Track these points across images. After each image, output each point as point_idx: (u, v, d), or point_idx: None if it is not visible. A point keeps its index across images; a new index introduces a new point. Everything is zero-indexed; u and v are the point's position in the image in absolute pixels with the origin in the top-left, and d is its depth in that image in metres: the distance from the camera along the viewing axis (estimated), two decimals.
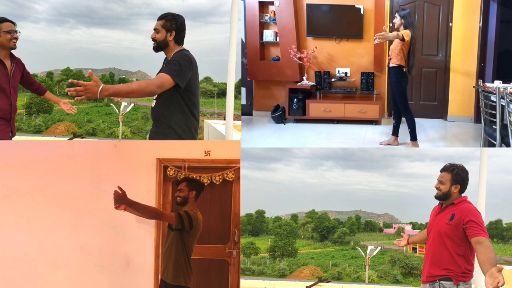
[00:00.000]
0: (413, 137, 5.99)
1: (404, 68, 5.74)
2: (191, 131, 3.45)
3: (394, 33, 5.66)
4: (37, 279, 3.76)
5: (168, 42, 3.40)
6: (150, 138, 3.50)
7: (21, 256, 3.78)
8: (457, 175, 2.95)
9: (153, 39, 3.41)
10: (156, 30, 3.40)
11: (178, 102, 3.34)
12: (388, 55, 5.91)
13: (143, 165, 3.76)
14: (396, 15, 5.79)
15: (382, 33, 5.55)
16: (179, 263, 3.23)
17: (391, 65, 5.81)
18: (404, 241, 3.42)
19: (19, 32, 3.79)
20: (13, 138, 3.95)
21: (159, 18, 3.43)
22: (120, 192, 2.99)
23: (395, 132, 6.17)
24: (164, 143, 3.73)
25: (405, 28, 5.69)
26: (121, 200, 3.01)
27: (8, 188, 3.77)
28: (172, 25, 3.38)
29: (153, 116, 3.45)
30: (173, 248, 3.24)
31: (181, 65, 3.24)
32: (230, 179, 3.79)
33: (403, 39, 5.60)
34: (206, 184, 3.74)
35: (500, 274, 2.30)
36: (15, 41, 3.73)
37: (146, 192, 3.74)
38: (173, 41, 3.41)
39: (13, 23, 3.75)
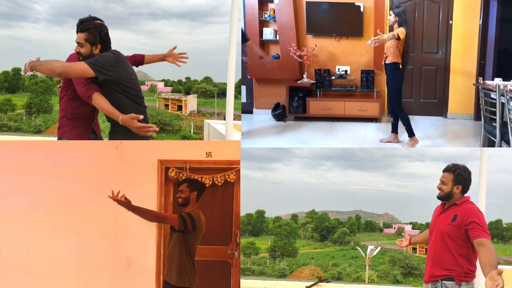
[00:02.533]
0: (410, 134, 6.02)
1: (400, 65, 5.77)
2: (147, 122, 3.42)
3: (390, 34, 5.70)
4: (38, 280, 3.75)
5: (95, 55, 3.24)
6: (112, 138, 3.46)
7: (22, 257, 3.76)
8: (459, 176, 2.94)
9: (78, 53, 3.25)
10: (79, 44, 3.23)
11: (127, 103, 3.30)
12: (384, 53, 5.93)
13: (145, 167, 3.74)
14: (391, 12, 5.81)
15: (377, 37, 5.59)
16: (183, 265, 3.23)
17: (387, 62, 5.84)
18: (406, 241, 3.42)
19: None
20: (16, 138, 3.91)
21: (81, 30, 3.22)
22: (124, 200, 2.99)
23: (394, 129, 6.18)
24: (166, 144, 3.72)
25: (400, 25, 5.73)
26: (125, 207, 3.02)
27: (9, 189, 3.75)
28: (97, 38, 3.22)
29: (112, 119, 3.37)
30: (176, 249, 3.24)
31: (103, 57, 3.15)
32: (232, 180, 3.78)
33: (398, 38, 5.62)
34: (207, 185, 3.73)
35: (500, 277, 2.32)
36: None
37: (148, 193, 3.72)
38: (100, 53, 3.26)
39: (101, 21, 3.55)
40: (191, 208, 3.30)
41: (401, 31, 5.65)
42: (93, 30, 3.22)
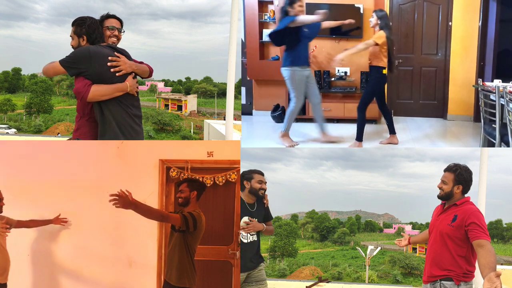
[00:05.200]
0: (359, 138, 6.00)
1: (384, 70, 5.73)
2: (129, 124, 3.34)
3: (362, 44, 5.63)
4: (39, 280, 3.76)
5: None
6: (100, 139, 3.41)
7: (24, 257, 3.78)
8: (459, 176, 2.95)
9: (72, 47, 3.36)
10: (71, 37, 3.36)
11: (112, 103, 3.27)
12: (369, 57, 5.89)
13: (146, 166, 3.76)
14: (374, 14, 5.79)
15: (340, 56, 5.48)
16: (183, 265, 3.24)
17: (371, 65, 5.84)
18: (405, 241, 3.43)
19: (121, 31, 3.61)
20: (16, 138, 3.90)
21: (71, 25, 3.37)
22: (124, 195, 2.98)
23: (392, 131, 6.17)
24: (167, 144, 3.73)
25: (381, 28, 5.70)
26: (124, 203, 3.01)
27: (10, 189, 3.76)
28: (82, 30, 3.32)
29: (101, 120, 3.35)
30: (177, 249, 3.25)
31: (72, 55, 3.24)
32: (233, 180, 3.79)
33: (376, 44, 5.58)
34: (208, 185, 3.74)
35: (498, 279, 2.34)
36: (114, 39, 3.55)
37: (149, 193, 3.73)
38: (88, 44, 3.33)
39: (120, 21, 3.61)
40: (192, 207, 3.31)
41: (378, 36, 5.60)
42: (78, 22, 3.34)
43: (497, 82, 5.61)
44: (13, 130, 45.12)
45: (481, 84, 5.76)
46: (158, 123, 50.56)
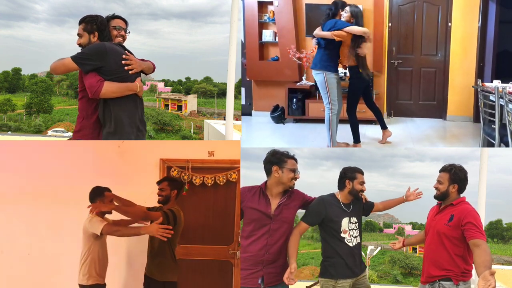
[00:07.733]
0: (356, 140, 5.86)
1: (360, 69, 5.51)
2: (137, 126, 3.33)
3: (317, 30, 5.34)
4: (39, 279, 3.78)
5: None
6: (105, 138, 3.37)
7: (24, 256, 3.80)
8: (454, 175, 2.98)
9: (79, 45, 3.36)
10: (79, 35, 3.36)
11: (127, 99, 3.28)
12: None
13: (147, 166, 3.78)
14: (347, 9, 5.34)
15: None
16: (166, 260, 3.34)
17: (344, 65, 5.63)
18: (399, 243, 3.46)
19: (128, 32, 3.63)
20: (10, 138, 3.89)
21: (79, 23, 3.38)
22: (98, 204, 3.10)
23: (383, 126, 6.14)
24: (167, 144, 3.75)
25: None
26: (100, 207, 3.08)
27: (11, 189, 3.78)
28: (93, 26, 3.33)
29: (106, 120, 3.33)
30: (159, 245, 3.32)
31: (86, 50, 3.23)
32: (234, 180, 3.80)
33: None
34: (209, 184, 3.77)
35: (492, 278, 2.36)
36: (120, 38, 3.55)
37: (149, 192, 3.75)
38: (98, 41, 3.33)
39: (125, 21, 3.62)
40: (171, 205, 3.40)
41: (339, 33, 5.25)
42: (88, 19, 3.35)
43: (497, 83, 5.63)
44: (70, 133, 45.02)
45: (481, 84, 5.78)
46: (158, 123, 50.58)
